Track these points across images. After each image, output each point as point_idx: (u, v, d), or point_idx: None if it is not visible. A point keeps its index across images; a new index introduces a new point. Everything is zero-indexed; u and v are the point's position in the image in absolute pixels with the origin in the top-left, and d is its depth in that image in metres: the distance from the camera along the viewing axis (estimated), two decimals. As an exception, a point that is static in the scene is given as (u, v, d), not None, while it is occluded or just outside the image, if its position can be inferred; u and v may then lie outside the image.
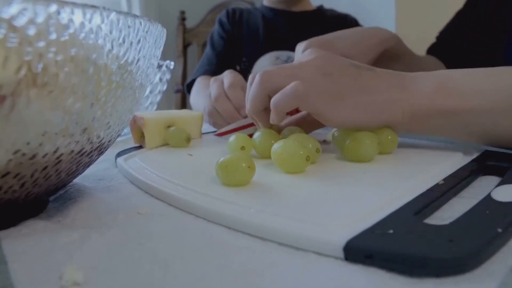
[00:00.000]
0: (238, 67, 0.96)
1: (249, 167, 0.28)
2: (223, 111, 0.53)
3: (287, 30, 0.97)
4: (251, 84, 0.39)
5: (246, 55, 0.96)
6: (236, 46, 0.98)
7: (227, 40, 0.98)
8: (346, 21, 1.01)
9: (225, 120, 0.53)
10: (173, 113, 0.48)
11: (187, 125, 0.47)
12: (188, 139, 0.43)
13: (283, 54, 0.95)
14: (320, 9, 1.03)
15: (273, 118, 0.36)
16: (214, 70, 0.92)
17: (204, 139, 0.49)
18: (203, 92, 0.80)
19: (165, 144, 0.45)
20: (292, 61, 0.93)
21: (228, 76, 0.55)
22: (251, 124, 0.46)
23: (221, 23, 1.00)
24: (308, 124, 0.42)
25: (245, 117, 0.49)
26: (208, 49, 0.99)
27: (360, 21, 1.08)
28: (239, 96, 0.52)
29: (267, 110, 0.38)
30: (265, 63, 0.95)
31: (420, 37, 0.62)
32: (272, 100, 0.35)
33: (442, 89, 0.34)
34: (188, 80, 0.97)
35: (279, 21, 0.98)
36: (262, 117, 0.39)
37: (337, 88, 0.35)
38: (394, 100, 0.34)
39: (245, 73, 0.93)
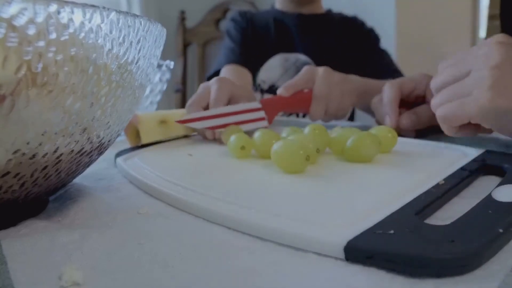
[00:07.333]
0: None
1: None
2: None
3: (298, 32, 0.98)
4: None
5: (256, 55, 0.97)
6: (248, 44, 0.98)
7: (244, 34, 0.98)
8: (355, 23, 1.01)
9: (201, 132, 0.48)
10: (168, 111, 0.48)
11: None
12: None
13: (292, 56, 0.97)
14: (329, 13, 1.03)
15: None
16: (239, 60, 0.92)
17: (204, 139, 0.49)
18: None
19: (161, 141, 0.45)
20: (300, 63, 0.94)
21: (215, 87, 0.50)
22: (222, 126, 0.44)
23: (235, 21, 1.01)
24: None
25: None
26: (227, 42, 0.99)
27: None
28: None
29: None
30: (275, 64, 0.96)
31: (420, 37, 0.62)
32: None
33: None
34: (211, 71, 0.95)
35: (290, 23, 0.99)
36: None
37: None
38: None
39: (253, 72, 0.95)
